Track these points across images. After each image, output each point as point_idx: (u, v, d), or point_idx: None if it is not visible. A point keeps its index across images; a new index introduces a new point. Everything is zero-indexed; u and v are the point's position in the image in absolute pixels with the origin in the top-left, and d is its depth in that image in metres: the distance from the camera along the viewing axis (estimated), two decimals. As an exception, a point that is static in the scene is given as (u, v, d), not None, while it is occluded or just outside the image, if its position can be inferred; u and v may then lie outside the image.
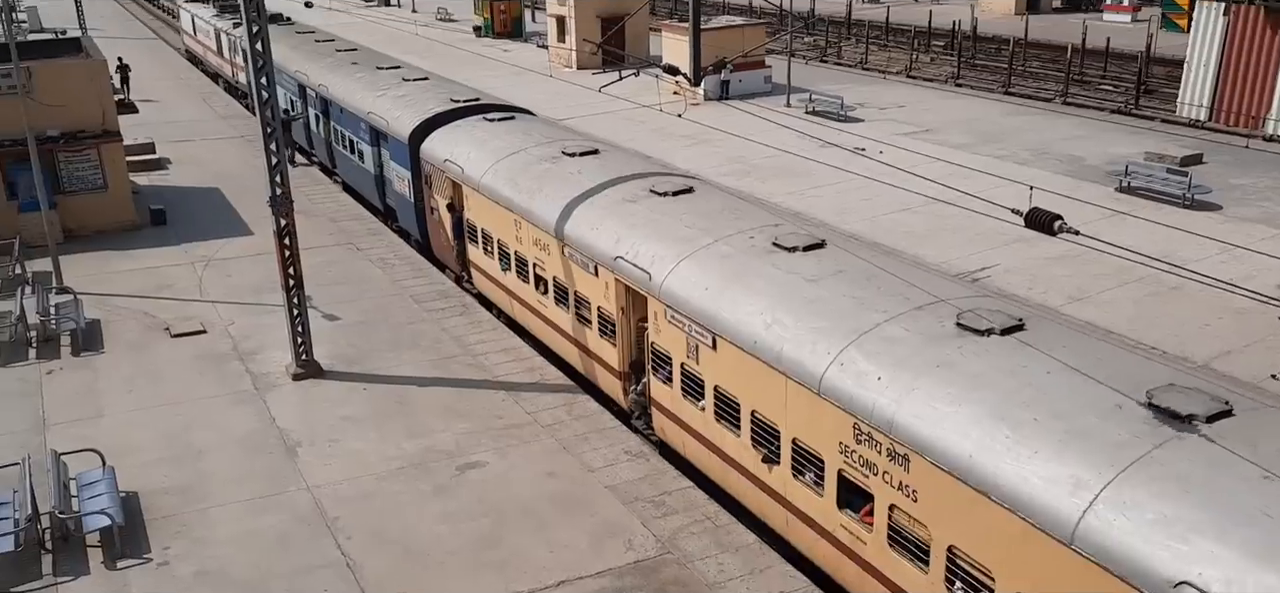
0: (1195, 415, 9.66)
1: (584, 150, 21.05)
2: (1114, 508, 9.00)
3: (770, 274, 14.24)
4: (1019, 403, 10.48)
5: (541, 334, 20.15)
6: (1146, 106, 41.98)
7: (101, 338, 20.94)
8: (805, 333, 12.81)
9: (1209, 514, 8.57)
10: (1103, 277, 22.97)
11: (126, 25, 77.48)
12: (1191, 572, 8.21)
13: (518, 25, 65.75)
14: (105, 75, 28.25)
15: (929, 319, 12.35)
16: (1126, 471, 9.23)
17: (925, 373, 11.35)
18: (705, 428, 14.86)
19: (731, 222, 16.18)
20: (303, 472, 15.98)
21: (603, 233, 17.13)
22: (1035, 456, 9.83)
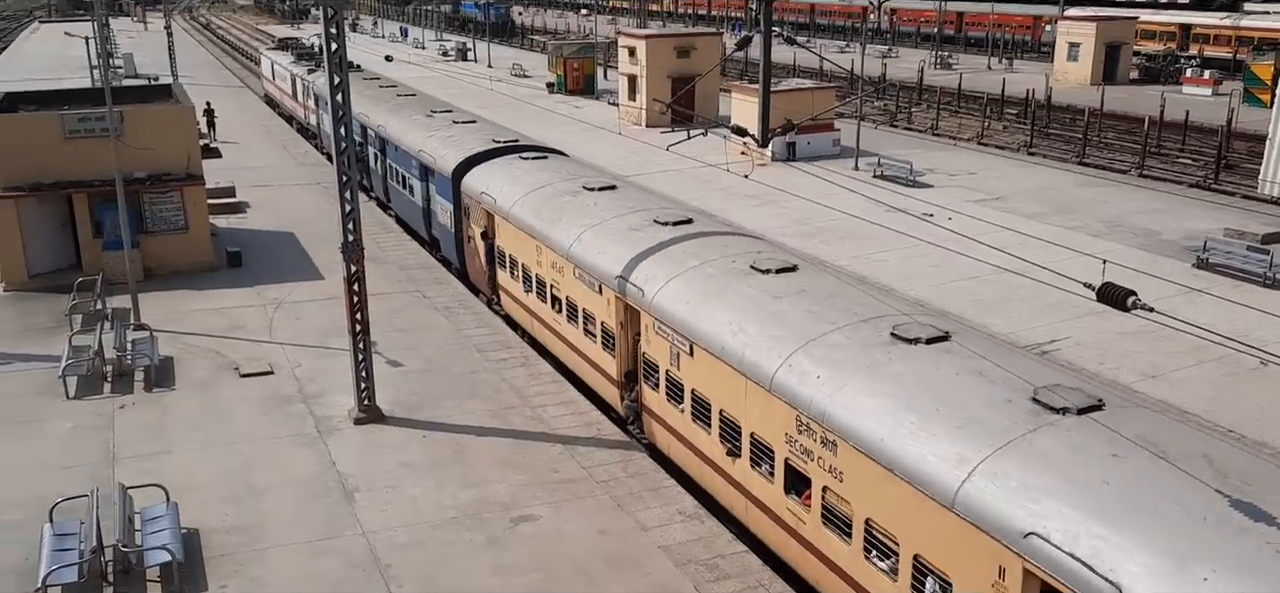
0: (1068, 408, 11.57)
1: (603, 186, 23.20)
2: (986, 478, 10.93)
3: (743, 291, 16.25)
4: (928, 397, 12.41)
5: (556, 349, 22.01)
6: (1227, 182, 40.96)
7: (173, 375, 21.52)
8: (764, 340, 14.73)
9: (1060, 483, 10.50)
10: (1178, 354, 22.32)
11: (216, 73, 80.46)
12: (1039, 526, 10.20)
13: (590, 83, 66.74)
14: (192, 121, 29.28)
15: (868, 330, 14.30)
16: (1001, 449, 11.18)
17: (857, 373, 13.25)
18: (685, 428, 16.70)
19: (718, 249, 18.22)
20: (359, 517, 16.15)
21: (607, 256, 19.20)
22: (932, 438, 11.72)
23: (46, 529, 14.47)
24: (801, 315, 15.04)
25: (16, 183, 26.28)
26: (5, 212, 26.46)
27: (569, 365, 21.51)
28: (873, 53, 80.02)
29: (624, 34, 60.33)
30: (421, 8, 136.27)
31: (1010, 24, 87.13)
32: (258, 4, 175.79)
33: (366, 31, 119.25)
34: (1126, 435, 11.03)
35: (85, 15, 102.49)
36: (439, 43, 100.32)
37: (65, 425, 19.24)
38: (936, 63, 78.29)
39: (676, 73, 51.78)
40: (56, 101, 30.61)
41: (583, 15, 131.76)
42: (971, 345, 13.67)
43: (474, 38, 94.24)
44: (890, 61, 79.07)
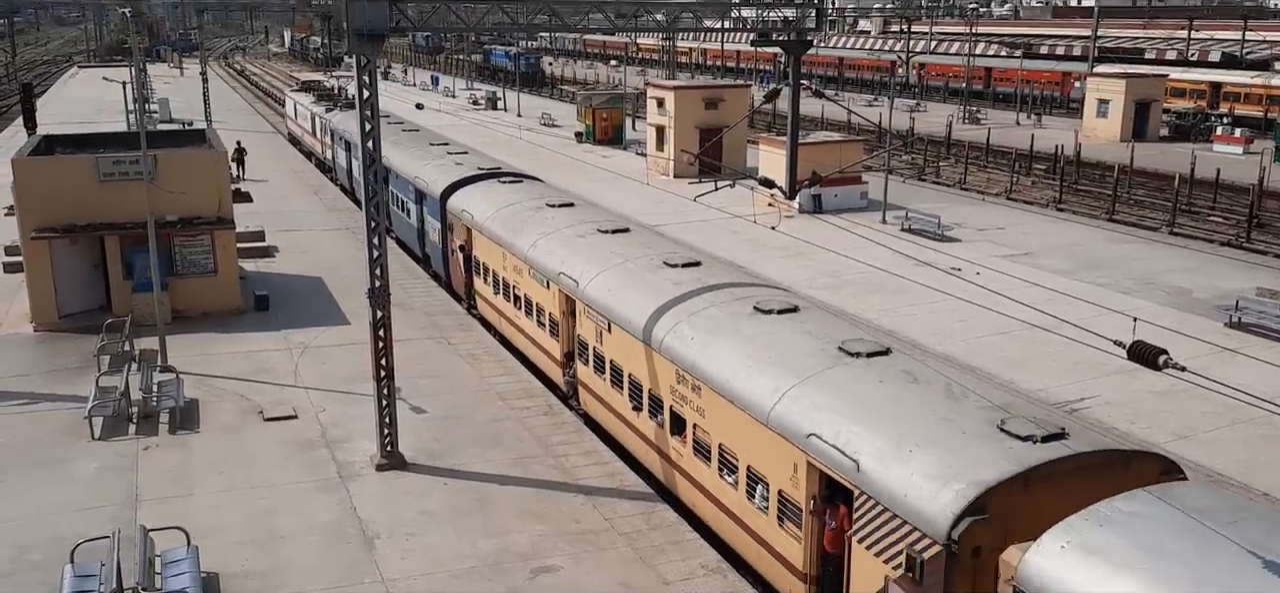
0: (861, 353, 15.48)
1: (562, 203, 27.26)
2: (790, 400, 14.72)
3: (651, 280, 20.16)
4: (765, 350, 16.21)
5: (516, 340, 25.79)
6: (1259, 240, 40.46)
7: (198, 417, 21.59)
8: (664, 317, 18.42)
9: (835, 400, 14.32)
10: (1212, 415, 21.92)
11: (249, 118, 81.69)
12: (816, 428, 13.96)
13: (619, 133, 67.17)
14: (224, 167, 29.68)
15: (737, 305, 18.19)
16: (804, 380, 15.00)
17: (720, 335, 17.12)
18: (605, 392, 20.45)
19: (641, 250, 22.42)
20: (379, 564, 16.04)
21: (554, 257, 23.09)
22: (761, 377, 15.50)
23: (67, 570, 14.47)
24: (692, 296, 18.94)
25: (51, 225, 26.67)
26: (38, 253, 26.84)
27: (526, 354, 25.26)
28: (901, 107, 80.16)
29: (653, 85, 60.78)
30: (453, 57, 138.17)
31: (1039, 80, 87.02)
32: (292, 52, 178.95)
33: (398, 79, 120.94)
34: (896, 369, 15.05)
35: (123, 61, 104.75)
36: (469, 91, 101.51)
37: (90, 466, 19.32)
38: (965, 117, 78.25)
39: (704, 124, 52.00)
40: (92, 145, 31.13)
41: (612, 66, 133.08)
42: (812, 315, 17.96)
43: (504, 87, 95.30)
44: (918, 115, 79.11)
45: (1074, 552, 10.13)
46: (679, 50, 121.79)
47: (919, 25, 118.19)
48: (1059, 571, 10.03)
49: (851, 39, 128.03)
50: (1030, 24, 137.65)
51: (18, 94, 58.22)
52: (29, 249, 27.03)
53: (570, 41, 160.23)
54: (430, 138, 41.06)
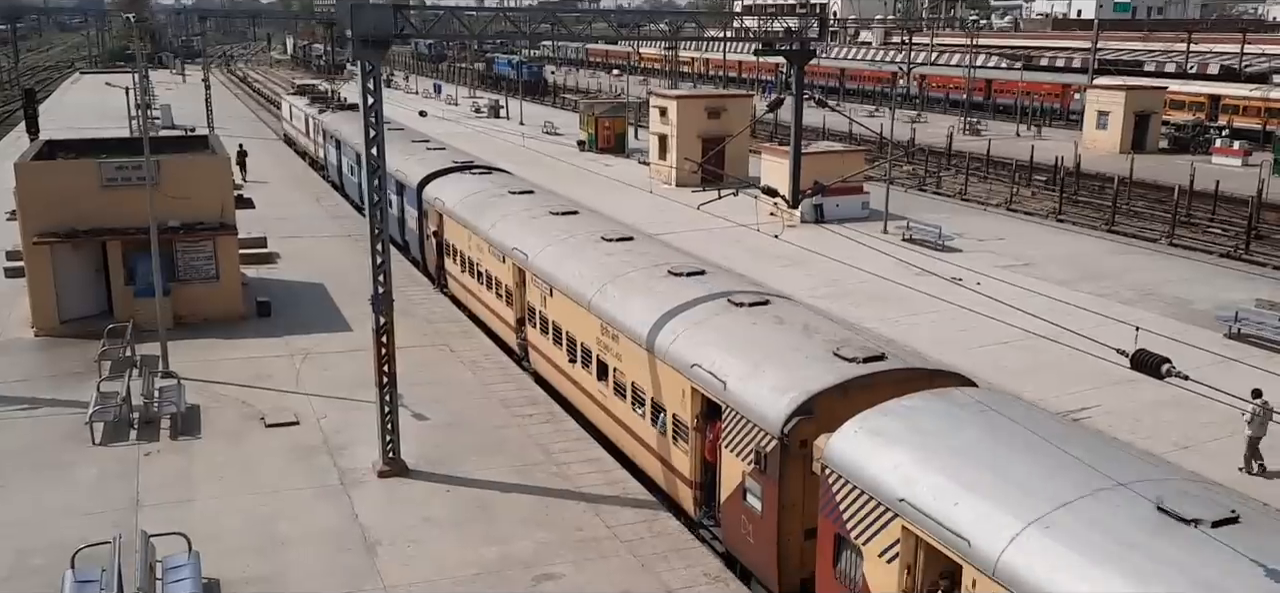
0: (744, 303, 18.48)
1: (522, 190, 30.71)
2: (682, 340, 17.68)
3: (589, 253, 23.13)
4: (669, 303, 19.07)
5: (479, 311, 29.00)
6: (1258, 252, 40.53)
7: (199, 423, 21.59)
8: (591, 278, 21.53)
9: (713, 336, 17.38)
10: (1212, 425, 21.91)
11: (252, 125, 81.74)
12: (698, 359, 16.89)
13: (621, 141, 67.19)
14: (227, 172, 29.72)
15: (656, 271, 21.22)
16: (698, 326, 17.93)
17: (636, 293, 20.15)
18: (548, 349, 23.43)
19: (585, 228, 25.35)
20: (381, 571, 16.03)
21: (510, 235, 26.39)
22: (663, 324, 18.38)
23: (68, 575, 14.46)
24: (619, 264, 21.93)
25: (53, 229, 26.69)
26: (39, 258, 26.86)
27: (487, 323, 28.45)
28: (902, 118, 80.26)
29: (656, 94, 60.86)
30: (455, 65, 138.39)
31: (1039, 92, 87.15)
32: (295, 59, 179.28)
33: (400, 87, 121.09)
34: (768, 315, 18.03)
35: (126, 67, 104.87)
36: (472, 99, 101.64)
37: (90, 472, 19.31)
38: (965, 129, 78.35)
39: (707, 133, 52.06)
40: (94, 150, 31.18)
41: (614, 75, 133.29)
42: (714, 278, 21.00)
43: (506, 95, 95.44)
44: (919, 126, 79.24)
45: (862, 433, 13.25)
46: (681, 60, 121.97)
47: (920, 37, 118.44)
48: (849, 447, 13.17)
49: (853, 50, 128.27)
50: (1030, 36, 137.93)
51: (20, 99, 58.24)
52: (31, 254, 27.05)
53: (573, 51, 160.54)
54: (413, 136, 44.75)
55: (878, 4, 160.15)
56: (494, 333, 27.75)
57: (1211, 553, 9.86)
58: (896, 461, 12.49)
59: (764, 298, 19.03)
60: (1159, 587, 9.62)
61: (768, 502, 14.89)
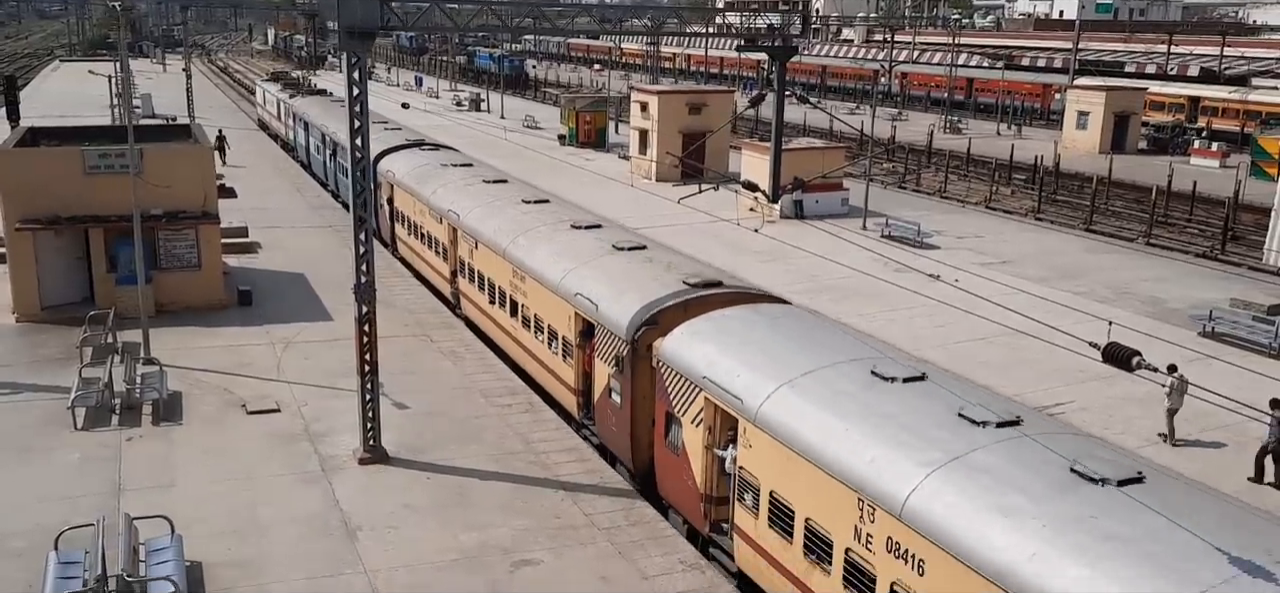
0: (624, 247, 22.29)
1: (462, 164, 34.75)
2: (571, 276, 21.32)
3: (509, 211, 26.64)
4: (566, 250, 22.82)
5: (423, 269, 32.58)
6: (1234, 252, 41.11)
7: (181, 410, 21.66)
8: (507, 232, 25.11)
9: (596, 274, 20.98)
10: (1184, 422, 22.31)
11: (233, 115, 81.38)
12: (581, 289, 20.65)
13: (602, 136, 67.33)
14: (210, 161, 29.72)
15: (560, 225, 24.86)
16: (585, 265, 21.51)
17: (542, 242, 23.77)
18: (475, 295, 27.14)
19: (511, 193, 29.10)
20: (361, 556, 16.19)
21: (446, 199, 29.75)
22: (557, 263, 22.18)
23: (51, 557, 14.55)
24: (532, 220, 25.42)
25: (36, 216, 26.65)
26: (21, 244, 26.81)
27: (429, 278, 31.96)
28: (883, 115, 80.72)
29: (637, 89, 61.03)
30: (437, 58, 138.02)
31: (1020, 91, 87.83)
32: (275, 50, 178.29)
33: (381, 79, 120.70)
34: (641, 256, 21.82)
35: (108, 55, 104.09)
36: (453, 92, 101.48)
37: (72, 456, 19.37)
38: (946, 127, 78.89)
39: (688, 128, 52.28)
40: (76, 138, 31.10)
41: (596, 70, 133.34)
42: (607, 230, 24.74)
43: (488, 89, 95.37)
44: (900, 124, 79.76)
45: (684, 335, 17.17)
46: (662, 55, 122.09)
47: (902, 35, 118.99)
48: (675, 345, 17.11)
49: (835, 47, 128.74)
50: (1012, 36, 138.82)
51: (1, 87, 57.84)
52: (13, 240, 26.99)
53: (554, 45, 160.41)
54: (373, 118, 47.01)
55: (860, 2, 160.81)
56: (434, 288, 31.68)
57: (897, 396, 14.17)
58: (705, 352, 16.49)
59: (642, 244, 23.12)
60: (859, 421, 13.66)
61: (624, 395, 18.68)
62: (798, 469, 13.83)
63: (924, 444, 12.65)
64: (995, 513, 11.26)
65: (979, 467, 12.03)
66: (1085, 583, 10.05)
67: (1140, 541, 10.43)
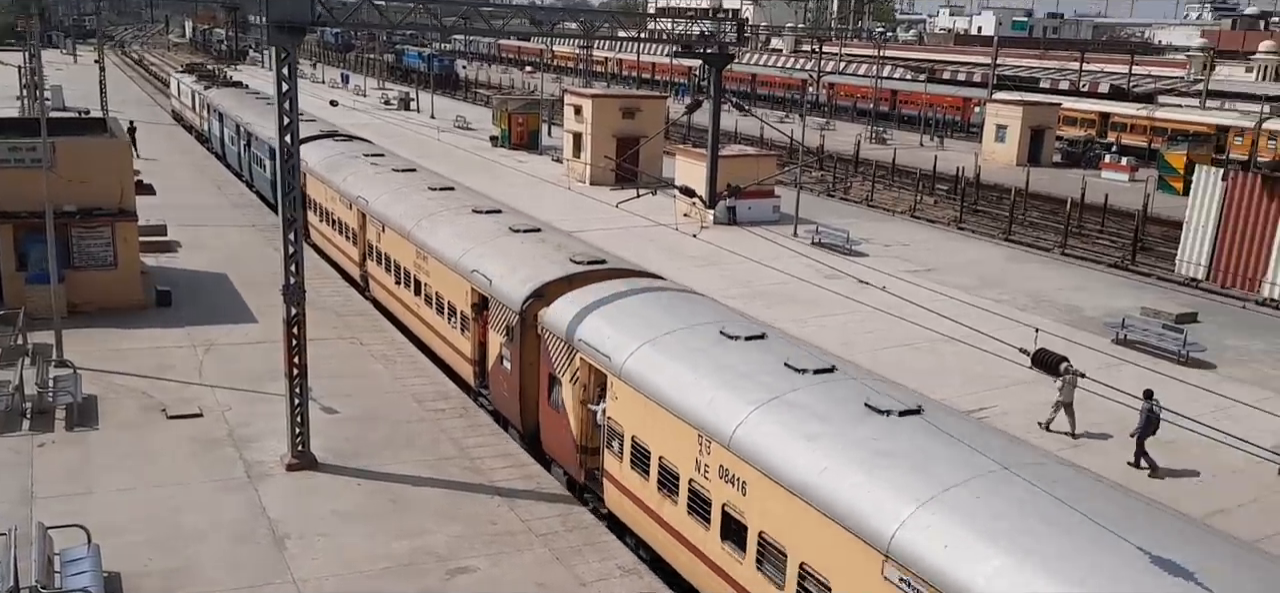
0: (520, 230, 24.34)
1: (374, 154, 36.37)
2: (468, 255, 23.19)
3: (415, 199, 28.38)
4: (466, 232, 24.57)
5: (334, 254, 33.70)
6: (1143, 263, 42.58)
7: (97, 414, 20.85)
8: (411, 216, 26.93)
9: (492, 253, 22.83)
10: (1100, 425, 22.97)
11: (149, 110, 78.96)
12: (476, 266, 22.40)
13: (534, 138, 66.97)
14: (127, 156, 28.73)
15: (462, 210, 26.79)
16: (482, 245, 23.44)
17: (444, 226, 25.47)
18: (381, 276, 28.85)
19: (417, 181, 30.84)
20: (290, 565, 15.76)
21: (353, 186, 31.68)
22: (457, 244, 24.02)
23: (-41, 569, 13.85)
24: (436, 206, 27.27)
25: (-61, 210, 25.43)
26: (-75, 239, 25.56)
27: (340, 263, 33.19)
28: (811, 125, 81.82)
29: (571, 92, 60.83)
30: (364, 56, 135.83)
31: (942, 104, 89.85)
32: (194, 43, 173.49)
33: (305, 75, 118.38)
34: (536, 238, 23.77)
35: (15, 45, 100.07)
36: (381, 91, 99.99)
37: (-20, 462, 18.49)
38: (872, 137, 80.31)
39: (621, 133, 52.28)
40: (-16, 130, 29.78)
41: (527, 72, 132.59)
42: (506, 216, 26.61)
43: (417, 88, 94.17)
44: (828, 134, 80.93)
45: (564, 304, 19.05)
46: (595, 59, 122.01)
47: (829, 46, 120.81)
48: (556, 314, 19.00)
49: (764, 56, 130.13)
50: (934, 50, 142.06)
51: (-102, 74, 55.26)
52: (-86, 236, 25.70)
53: (485, 45, 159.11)
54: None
55: (788, 12, 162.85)
56: (346, 273, 32.80)
57: (739, 351, 16.16)
58: (580, 318, 18.40)
59: (536, 227, 25.14)
60: (704, 372, 15.53)
61: (513, 361, 20.52)
62: (654, 415, 15.77)
63: (753, 387, 14.71)
64: (801, 438, 13.39)
65: (794, 403, 14.21)
66: (862, 489, 12.24)
67: (909, 455, 12.74)
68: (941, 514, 11.43)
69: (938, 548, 11.02)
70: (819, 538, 12.47)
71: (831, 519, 12.25)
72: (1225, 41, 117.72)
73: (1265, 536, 18.35)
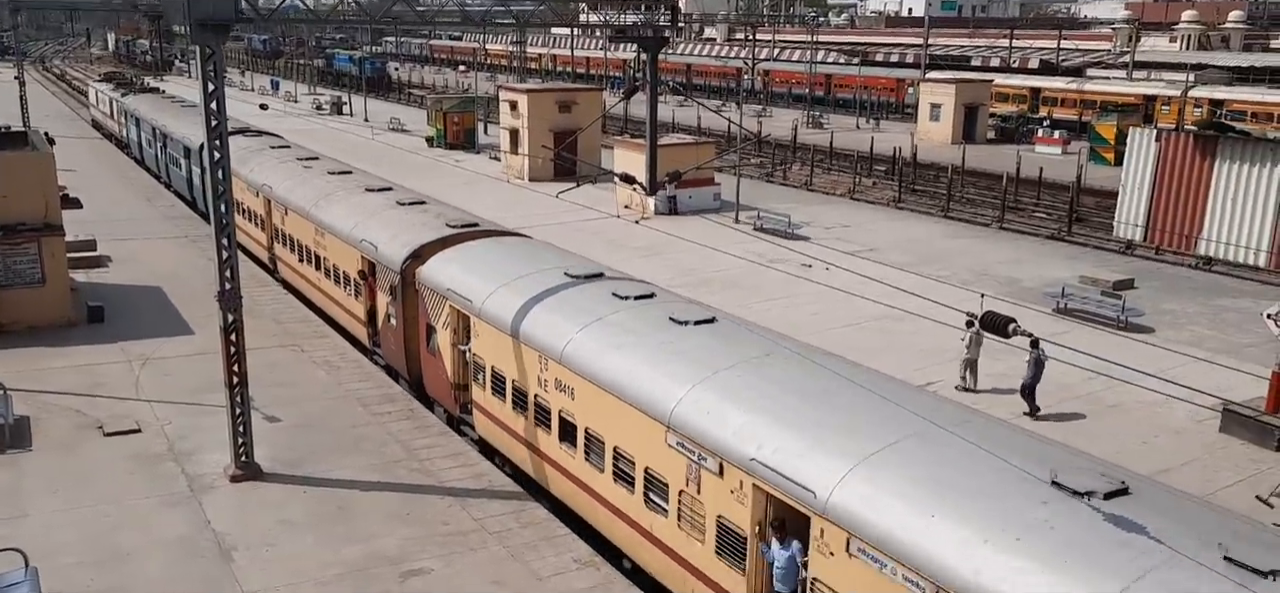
0: (406, 203, 26.73)
1: (280, 146, 37.85)
2: (358, 227, 25.63)
3: (316, 183, 30.44)
4: (358, 208, 26.91)
5: (245, 242, 33.36)
6: (1079, 234, 43.44)
7: (29, 435, 20.16)
8: (310, 198, 29.16)
9: (378, 223, 25.42)
10: (1042, 396, 23.34)
11: (71, 124, 76.76)
12: (365, 236, 25.09)
13: (470, 136, 66.37)
14: (51, 170, 27.80)
15: (357, 189, 29.09)
16: (372, 217, 25.81)
17: (339, 204, 27.76)
18: (287, 257, 31.21)
19: (319, 167, 33.10)
20: (238, 577, 15.36)
21: (259, 174, 33.61)
22: (349, 219, 26.39)
23: (-114, 603, 13.27)
24: (334, 188, 29.32)
25: None
26: None
27: (254, 252, 34.32)
28: (748, 112, 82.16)
29: (506, 88, 60.39)
30: (293, 62, 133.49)
31: (876, 86, 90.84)
32: (117, 55, 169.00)
33: (234, 83, 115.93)
34: (418, 209, 26.24)
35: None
36: (313, 96, 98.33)
37: (-94, 492, 17.74)
38: (809, 122, 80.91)
39: (558, 127, 52.02)
40: (-103, 148, 28.61)
41: (461, 71, 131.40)
42: (396, 193, 28.61)
43: (350, 92, 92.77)
44: (765, 120, 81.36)
45: (437, 262, 21.53)
46: (529, 56, 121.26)
47: (763, 33, 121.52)
48: (430, 271, 21.44)
49: (699, 46, 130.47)
50: (866, 33, 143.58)
51: None
52: None
53: (417, 46, 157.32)
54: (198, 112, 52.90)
55: (720, 1, 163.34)
56: (257, 257, 34.29)
57: (578, 288, 18.56)
58: (450, 272, 20.85)
59: (421, 200, 27.54)
60: (547, 307, 17.95)
61: (398, 317, 22.86)
62: (506, 346, 18.36)
63: (582, 314, 17.31)
64: (612, 348, 16.08)
65: (612, 323, 16.81)
66: (653, 381, 14.98)
67: (693, 353, 15.42)
68: (707, 391, 14.24)
69: (701, 415, 13.89)
70: (624, 423, 15.20)
71: (632, 406, 14.99)
72: (1149, 14, 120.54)
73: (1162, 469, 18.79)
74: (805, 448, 12.49)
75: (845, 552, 11.41)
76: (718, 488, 13.39)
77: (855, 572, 11.29)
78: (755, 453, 12.84)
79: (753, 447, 12.92)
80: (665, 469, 14.37)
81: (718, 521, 13.44)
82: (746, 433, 13.15)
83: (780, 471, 12.43)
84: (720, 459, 13.32)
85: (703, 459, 13.61)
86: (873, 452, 11.98)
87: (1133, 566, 9.65)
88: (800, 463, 12.32)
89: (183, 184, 45.51)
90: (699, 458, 13.68)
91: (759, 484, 12.74)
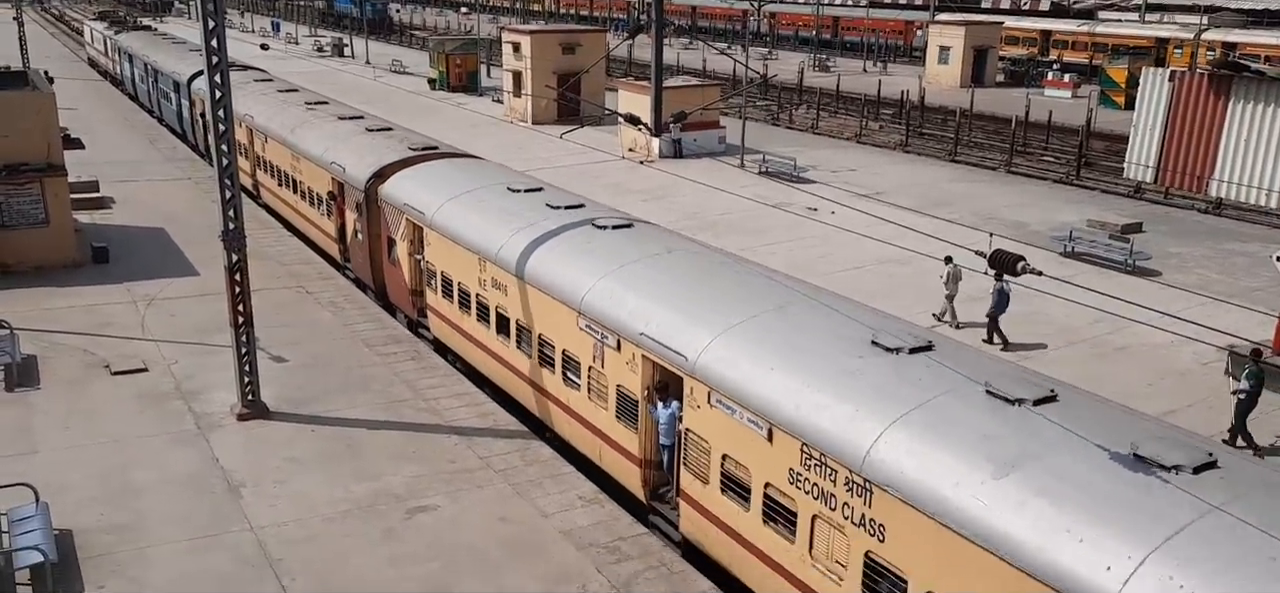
0: (374, 129, 28.46)
1: (262, 79, 39.64)
2: (329, 151, 27.52)
3: (294, 112, 31.99)
4: (334, 135, 28.20)
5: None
6: (1087, 178, 43.16)
7: (37, 374, 20.23)
8: (291, 127, 30.61)
9: (349, 149, 26.94)
10: (1048, 336, 23.32)
11: (72, 66, 76.32)
12: (336, 158, 26.99)
13: (473, 79, 65.87)
14: (52, 109, 27.62)
15: (337, 118, 30.21)
16: (342, 142, 27.68)
17: (312, 130, 29.14)
18: (274, 187, 32.47)
19: (297, 99, 34.29)
20: (247, 512, 15.48)
21: (242, 105, 33.64)
22: (324, 144, 27.99)
23: (-101, 536, 13.41)
24: (310, 116, 30.73)
25: None
26: None
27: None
28: (754, 55, 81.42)
29: (509, 29, 59.80)
30: (293, 3, 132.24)
31: (884, 29, 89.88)
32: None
33: (234, 25, 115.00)
34: (386, 134, 27.88)
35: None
36: (314, 38, 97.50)
37: (-85, 429, 17.86)
38: (815, 65, 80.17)
39: (562, 69, 51.56)
40: (-102, 87, 28.45)
41: (463, 13, 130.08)
42: (366, 119, 30.35)
43: (351, 33, 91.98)
44: (771, 63, 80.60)
45: (397, 180, 23.53)
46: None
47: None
48: (391, 188, 23.45)
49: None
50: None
51: None
52: None
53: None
54: (190, 46, 52.10)
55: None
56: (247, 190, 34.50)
57: (521, 200, 20.58)
58: (407, 188, 22.80)
59: (388, 126, 29.31)
60: (492, 218, 19.84)
61: (363, 232, 24.86)
62: (453, 251, 20.26)
63: (517, 221, 19.21)
64: (541, 249, 17.97)
65: (542, 227, 18.66)
66: (571, 275, 16.95)
67: (607, 251, 17.27)
68: (612, 281, 16.19)
69: (605, 301, 15.89)
70: (545, 310, 17.29)
71: (552, 297, 17.03)
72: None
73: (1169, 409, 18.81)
74: (683, 323, 14.59)
75: (707, 403, 13.56)
76: (616, 361, 15.55)
77: (715, 418, 13.48)
78: (644, 328, 14.96)
79: (642, 324, 15.06)
80: (578, 350, 16.49)
81: (617, 389, 15.66)
82: (638, 313, 15.28)
83: (662, 341, 14.58)
84: (618, 336, 15.43)
85: (605, 338, 15.70)
86: (735, 323, 14.12)
87: (915, 396, 11.61)
88: (676, 335, 14.45)
89: (173, 118, 47.21)
90: (602, 337, 15.75)
91: (646, 354, 14.88)
